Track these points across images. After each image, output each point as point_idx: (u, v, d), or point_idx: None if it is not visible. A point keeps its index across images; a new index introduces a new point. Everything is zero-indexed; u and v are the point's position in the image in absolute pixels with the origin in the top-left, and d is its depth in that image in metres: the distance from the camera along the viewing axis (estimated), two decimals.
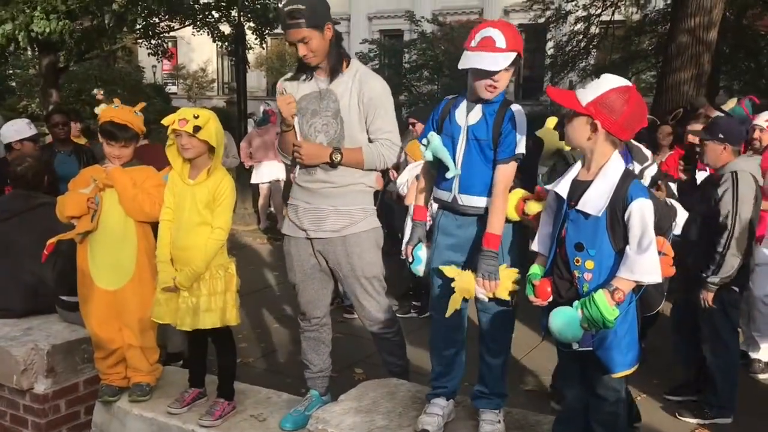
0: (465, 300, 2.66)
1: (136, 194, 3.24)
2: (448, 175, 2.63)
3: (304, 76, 3.10)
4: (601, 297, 2.18)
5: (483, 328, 2.72)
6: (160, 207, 3.22)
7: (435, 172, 2.78)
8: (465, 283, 2.60)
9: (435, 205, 2.82)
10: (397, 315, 5.85)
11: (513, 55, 2.52)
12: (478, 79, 2.56)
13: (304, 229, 3.13)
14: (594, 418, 2.40)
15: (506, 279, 2.58)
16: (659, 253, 2.27)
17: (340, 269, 3.14)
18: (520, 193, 2.63)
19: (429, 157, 2.70)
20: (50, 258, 3.65)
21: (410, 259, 2.84)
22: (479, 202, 2.63)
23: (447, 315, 2.66)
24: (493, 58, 2.51)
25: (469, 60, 2.54)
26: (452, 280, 2.65)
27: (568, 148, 2.70)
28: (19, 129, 5.04)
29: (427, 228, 2.92)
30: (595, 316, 2.18)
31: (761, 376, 4.70)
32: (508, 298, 2.60)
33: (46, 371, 3.48)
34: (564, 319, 2.23)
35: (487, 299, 2.60)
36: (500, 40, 2.51)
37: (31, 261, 3.82)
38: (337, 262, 3.13)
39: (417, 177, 2.95)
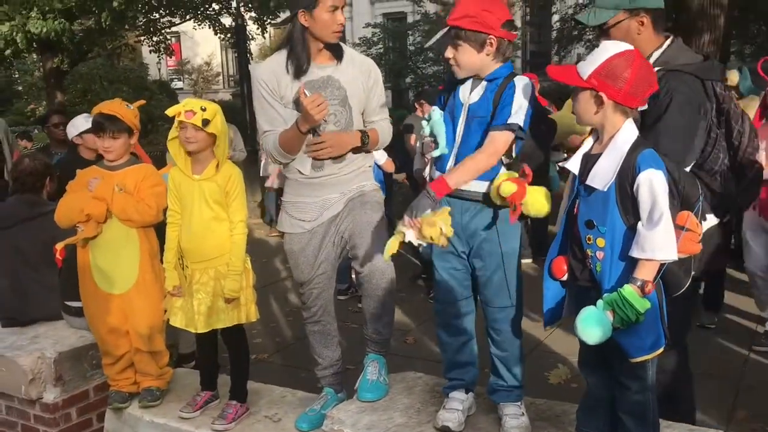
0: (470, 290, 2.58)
1: (128, 212, 3.17)
2: (434, 153, 2.50)
3: (295, 66, 2.89)
4: (632, 294, 2.03)
5: (487, 319, 2.60)
6: (154, 210, 3.16)
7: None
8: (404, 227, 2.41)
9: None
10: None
11: (444, 29, 2.44)
12: None
13: (309, 221, 3.00)
14: (620, 408, 2.26)
15: (438, 221, 2.37)
16: (682, 228, 2.12)
17: (351, 225, 2.94)
18: (506, 174, 2.44)
19: (426, 131, 2.56)
20: (57, 266, 3.56)
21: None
22: (475, 186, 2.47)
23: (385, 259, 2.53)
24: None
25: None
26: (454, 266, 2.58)
27: (587, 130, 2.51)
28: (76, 124, 4.88)
29: None
30: (630, 315, 2.03)
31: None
32: (438, 242, 2.38)
33: (54, 380, 3.40)
34: (595, 327, 2.07)
35: (416, 242, 2.40)
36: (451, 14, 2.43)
37: (35, 269, 3.74)
38: (346, 222, 2.96)
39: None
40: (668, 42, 2.58)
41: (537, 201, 2.40)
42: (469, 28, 2.39)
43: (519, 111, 2.42)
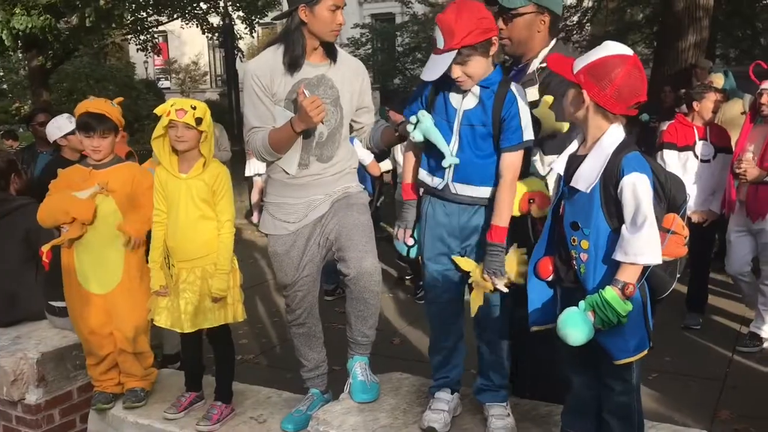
0: (468, 285, 2.54)
1: (142, 229, 3.17)
2: (445, 163, 2.45)
3: (291, 60, 2.85)
4: (613, 296, 2.02)
5: (476, 315, 2.57)
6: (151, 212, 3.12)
7: (420, 151, 2.60)
8: (481, 278, 2.46)
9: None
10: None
11: (452, 54, 2.32)
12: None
13: (293, 222, 2.98)
14: (605, 409, 2.26)
15: (515, 263, 2.43)
16: (668, 230, 2.12)
17: (337, 227, 2.90)
18: (526, 186, 2.45)
19: (418, 137, 2.49)
20: (35, 263, 3.52)
21: (410, 243, 2.64)
22: (477, 192, 2.47)
23: (472, 315, 2.53)
24: (432, 66, 2.38)
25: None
26: (447, 268, 2.55)
27: (566, 128, 2.52)
28: (60, 125, 4.85)
29: None
30: (611, 317, 2.03)
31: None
32: (522, 281, 2.42)
33: (36, 380, 3.36)
34: (576, 328, 2.06)
35: (506, 290, 2.46)
36: (439, 39, 2.35)
37: (13, 267, 3.69)
38: (332, 224, 2.93)
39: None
40: (554, 42, 2.75)
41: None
42: (478, 41, 2.33)
43: (528, 125, 2.41)
